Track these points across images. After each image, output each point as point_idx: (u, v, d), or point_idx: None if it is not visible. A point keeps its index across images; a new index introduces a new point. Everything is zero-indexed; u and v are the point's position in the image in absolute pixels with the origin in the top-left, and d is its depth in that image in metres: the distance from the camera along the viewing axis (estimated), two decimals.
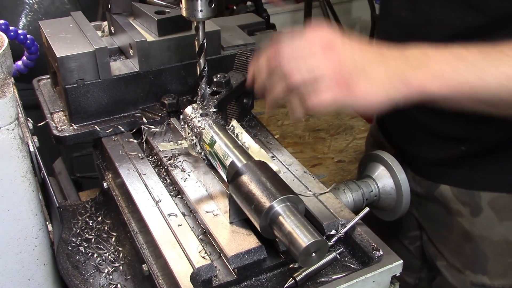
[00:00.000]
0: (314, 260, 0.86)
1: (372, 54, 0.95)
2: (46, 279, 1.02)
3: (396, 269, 0.95)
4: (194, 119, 1.12)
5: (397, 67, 0.93)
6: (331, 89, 0.92)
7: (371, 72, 0.92)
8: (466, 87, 0.91)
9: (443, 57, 0.93)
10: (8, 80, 0.89)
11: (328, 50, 0.94)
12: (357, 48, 0.96)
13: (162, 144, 1.18)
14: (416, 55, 0.94)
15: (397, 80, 0.92)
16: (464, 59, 0.92)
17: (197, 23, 1.15)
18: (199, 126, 1.10)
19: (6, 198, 0.90)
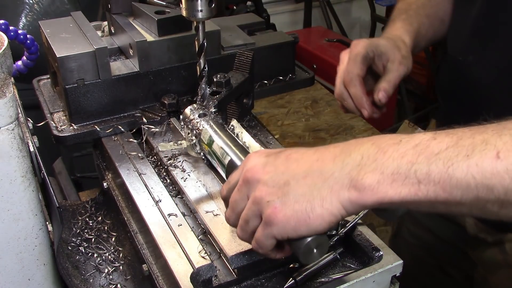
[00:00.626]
0: (315, 257, 0.84)
1: (298, 164, 0.81)
2: (46, 279, 1.02)
3: (396, 269, 0.95)
4: (193, 120, 1.12)
5: (334, 174, 0.77)
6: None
7: (296, 190, 0.78)
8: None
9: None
10: (8, 80, 0.89)
11: (246, 184, 0.83)
12: (281, 164, 0.82)
13: (162, 144, 1.18)
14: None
15: (336, 190, 0.76)
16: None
17: (197, 23, 1.15)
18: (197, 127, 1.10)
19: (6, 198, 0.90)
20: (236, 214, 0.86)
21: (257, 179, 0.81)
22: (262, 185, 0.80)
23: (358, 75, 1.20)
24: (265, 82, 1.48)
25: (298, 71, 1.57)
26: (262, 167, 0.82)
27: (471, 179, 0.68)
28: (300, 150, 0.83)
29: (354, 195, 0.74)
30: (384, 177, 0.72)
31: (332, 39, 4.07)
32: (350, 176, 0.75)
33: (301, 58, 3.17)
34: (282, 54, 1.50)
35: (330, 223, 0.77)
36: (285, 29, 3.99)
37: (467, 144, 0.69)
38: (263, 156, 0.84)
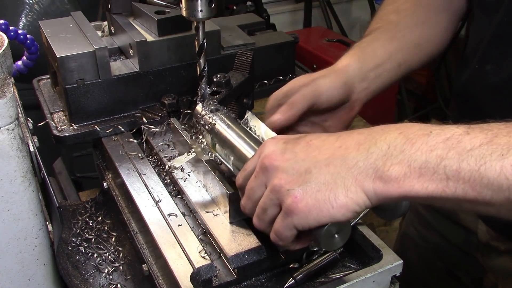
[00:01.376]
0: (337, 243, 0.80)
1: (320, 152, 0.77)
2: (46, 279, 1.02)
3: (396, 269, 0.95)
4: (205, 115, 1.08)
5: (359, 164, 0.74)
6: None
7: (318, 178, 0.75)
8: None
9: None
10: (8, 80, 0.89)
11: (264, 171, 0.81)
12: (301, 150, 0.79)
13: (177, 160, 1.15)
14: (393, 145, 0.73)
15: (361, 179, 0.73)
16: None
17: (197, 23, 1.15)
18: (210, 121, 1.06)
19: (6, 198, 0.90)
20: (253, 202, 0.83)
21: (275, 166, 0.78)
22: (281, 172, 0.77)
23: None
24: (265, 82, 1.48)
25: (298, 71, 1.57)
26: (280, 154, 0.79)
27: (503, 180, 0.65)
28: (321, 136, 0.80)
29: (379, 186, 0.72)
30: (411, 170, 0.70)
31: (332, 39, 4.07)
32: (376, 166, 0.72)
33: (301, 58, 3.17)
34: (282, 54, 1.50)
35: (353, 213, 0.75)
36: (285, 29, 3.99)
37: (502, 142, 0.66)
38: (281, 143, 0.81)
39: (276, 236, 0.81)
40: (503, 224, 1.24)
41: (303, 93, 1.04)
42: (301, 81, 1.06)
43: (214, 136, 1.05)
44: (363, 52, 1.15)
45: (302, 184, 0.75)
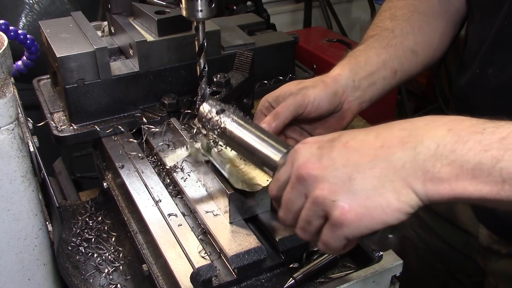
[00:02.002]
0: (391, 242, 0.74)
1: (360, 154, 0.73)
2: (46, 279, 1.02)
3: (396, 269, 0.95)
4: (211, 118, 1.00)
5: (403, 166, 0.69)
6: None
7: (364, 184, 0.71)
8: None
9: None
10: (8, 80, 0.89)
11: (301, 182, 0.76)
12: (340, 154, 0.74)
13: (170, 158, 1.14)
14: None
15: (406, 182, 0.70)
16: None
17: (197, 23, 1.15)
18: (219, 124, 0.99)
19: (6, 198, 0.90)
20: (293, 214, 0.78)
21: (314, 176, 0.73)
22: (321, 182, 0.72)
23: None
24: (265, 82, 1.48)
25: (298, 71, 1.57)
26: (317, 161, 0.74)
27: None
28: (357, 136, 0.75)
29: (430, 188, 0.68)
30: (463, 172, 0.65)
31: (332, 39, 4.07)
32: (425, 167, 0.68)
33: (301, 58, 3.16)
34: (282, 54, 1.50)
35: (407, 215, 0.70)
36: (285, 29, 3.99)
37: None
38: (315, 148, 0.76)
39: (325, 246, 0.76)
40: (505, 227, 1.24)
41: (289, 103, 1.01)
42: (290, 89, 1.04)
43: (227, 140, 0.99)
44: (356, 61, 1.12)
45: (347, 193, 0.71)
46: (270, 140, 0.92)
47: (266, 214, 1.03)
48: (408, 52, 1.17)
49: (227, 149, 1.06)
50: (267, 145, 0.91)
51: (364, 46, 1.17)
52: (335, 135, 0.77)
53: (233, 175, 0.99)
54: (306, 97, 1.01)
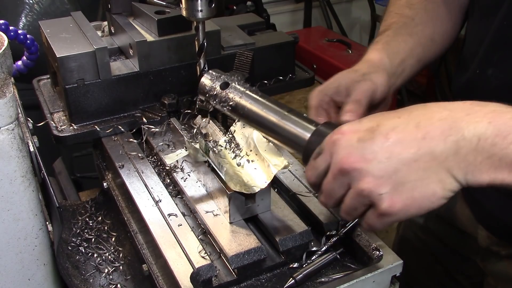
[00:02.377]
0: None
1: (403, 147, 0.74)
2: (46, 279, 1.02)
3: (396, 269, 0.95)
4: (218, 93, 0.93)
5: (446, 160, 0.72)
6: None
7: (410, 176, 0.74)
8: None
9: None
10: (8, 80, 0.89)
11: (345, 174, 0.78)
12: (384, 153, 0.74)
13: (168, 157, 1.15)
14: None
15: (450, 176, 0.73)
16: None
17: (197, 23, 1.15)
18: (230, 98, 0.91)
19: (6, 198, 0.90)
20: (336, 200, 0.81)
21: (358, 170, 0.75)
22: (366, 176, 0.74)
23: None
24: (265, 82, 1.48)
25: (298, 71, 1.57)
26: (359, 155, 0.75)
27: None
28: (397, 126, 0.75)
29: (471, 178, 0.72)
30: (502, 165, 0.69)
31: (332, 39, 4.07)
32: (467, 161, 0.71)
33: (301, 58, 3.17)
34: (282, 54, 1.50)
35: (449, 198, 0.76)
36: (285, 29, 3.99)
37: None
38: (355, 140, 0.76)
39: (369, 227, 0.80)
40: (504, 229, 1.24)
41: (362, 89, 0.99)
42: (349, 77, 1.02)
43: (240, 116, 0.92)
44: (390, 47, 1.12)
45: (394, 186, 0.73)
46: (292, 115, 0.89)
47: (266, 214, 1.03)
48: (429, 40, 1.17)
49: (226, 150, 1.06)
50: (291, 122, 0.88)
51: (391, 32, 1.16)
52: (372, 123, 0.77)
53: (231, 177, 0.99)
54: (374, 83, 1.01)
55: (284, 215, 1.03)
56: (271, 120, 0.90)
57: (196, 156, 1.08)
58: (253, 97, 0.92)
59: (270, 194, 1.03)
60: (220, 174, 1.02)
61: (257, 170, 1.00)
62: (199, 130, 1.13)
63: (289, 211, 1.04)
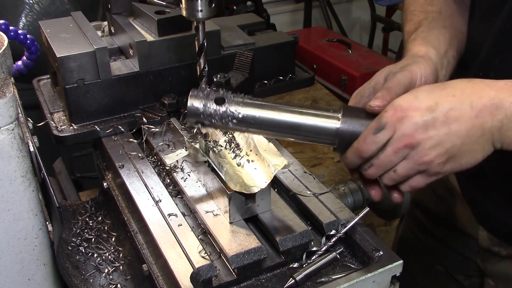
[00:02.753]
0: None
1: (459, 124, 0.87)
2: (46, 279, 1.01)
3: (396, 269, 0.95)
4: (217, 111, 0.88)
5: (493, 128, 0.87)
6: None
7: (462, 149, 0.88)
8: None
9: None
10: (8, 80, 0.89)
11: (410, 148, 0.88)
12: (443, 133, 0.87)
13: (168, 157, 1.14)
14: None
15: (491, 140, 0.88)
16: None
17: (197, 23, 1.15)
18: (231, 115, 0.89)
19: (6, 198, 0.90)
20: (386, 170, 0.91)
21: (422, 145, 0.87)
22: (429, 149, 0.87)
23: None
24: (265, 82, 1.48)
25: (298, 71, 1.57)
26: (424, 131, 0.86)
27: None
28: (455, 106, 0.87)
29: (506, 147, 0.88)
30: None
31: (332, 39, 4.07)
32: (507, 135, 0.87)
33: (301, 58, 3.17)
34: (282, 54, 1.50)
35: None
36: (285, 29, 3.99)
37: None
38: (419, 118, 0.87)
39: (411, 188, 0.93)
40: (505, 229, 1.25)
41: (398, 78, 1.01)
42: (388, 70, 1.04)
43: (250, 126, 0.90)
44: (430, 40, 1.13)
45: (449, 157, 0.87)
46: (307, 109, 0.92)
47: (266, 214, 1.03)
48: (459, 32, 1.20)
49: (226, 150, 1.06)
50: (311, 116, 0.91)
51: (425, 27, 1.16)
52: (430, 102, 0.88)
53: (231, 177, 0.99)
54: (414, 74, 1.03)
55: (284, 215, 1.03)
56: (291, 121, 0.90)
57: (196, 156, 1.08)
58: (258, 104, 0.90)
59: (270, 194, 1.03)
60: (220, 174, 1.02)
61: (257, 170, 1.00)
62: (199, 130, 1.13)
63: (289, 211, 1.04)
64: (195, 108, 0.89)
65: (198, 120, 0.91)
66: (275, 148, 1.01)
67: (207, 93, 0.90)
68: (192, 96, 0.89)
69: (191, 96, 0.90)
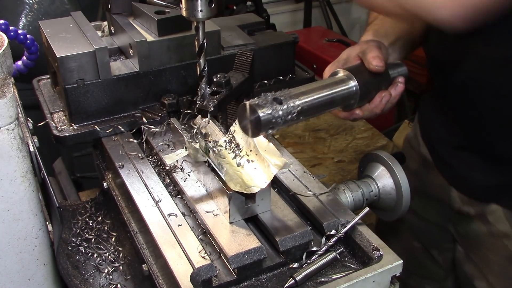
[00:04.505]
0: None
1: None
2: (46, 279, 1.02)
3: (396, 269, 0.95)
4: (282, 110, 0.96)
5: None
6: None
7: None
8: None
9: None
10: (8, 80, 0.89)
11: None
12: None
13: (168, 156, 1.15)
14: None
15: None
16: None
17: (197, 23, 1.15)
18: (293, 109, 0.97)
19: (6, 198, 0.90)
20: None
21: None
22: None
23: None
24: (265, 82, 1.48)
25: (298, 71, 1.57)
26: None
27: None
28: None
29: None
30: None
31: (332, 39, 4.07)
32: None
33: (301, 58, 3.16)
34: (282, 54, 1.50)
35: None
36: (285, 29, 3.99)
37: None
38: None
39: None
40: (473, 188, 1.38)
41: (373, 46, 1.24)
42: (357, 48, 1.27)
43: (305, 114, 1.01)
44: (380, 33, 1.33)
45: None
46: (329, 82, 1.13)
47: (266, 214, 1.03)
48: (412, 27, 1.37)
49: (226, 150, 1.06)
50: (337, 86, 1.12)
51: (378, 21, 1.38)
52: None
53: (231, 177, 0.99)
54: (380, 43, 1.28)
55: (284, 215, 1.03)
56: (327, 98, 1.09)
57: (196, 156, 1.08)
58: (301, 92, 1.03)
59: (270, 194, 1.03)
60: (220, 174, 1.02)
61: (257, 170, 1.00)
62: (199, 130, 1.13)
63: (289, 211, 1.04)
64: (268, 116, 0.94)
65: (271, 126, 0.95)
66: (275, 148, 1.01)
67: (265, 99, 0.96)
68: (257, 106, 0.93)
69: (258, 106, 0.93)
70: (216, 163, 1.03)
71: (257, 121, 0.93)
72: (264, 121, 0.93)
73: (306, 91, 1.03)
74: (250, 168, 1.01)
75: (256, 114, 0.93)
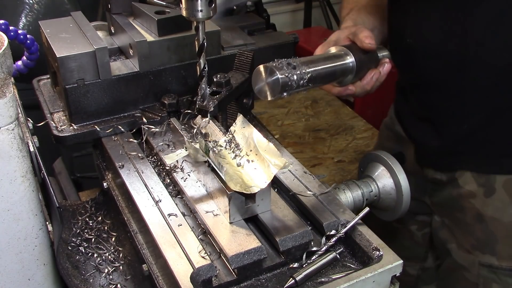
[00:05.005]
0: None
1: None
2: (46, 279, 1.02)
3: (396, 269, 0.95)
4: (295, 74, 1.05)
5: None
6: None
7: None
8: None
9: None
10: (8, 80, 0.89)
11: None
12: None
13: (168, 156, 1.15)
14: None
15: None
16: None
17: (197, 23, 1.15)
18: (305, 74, 1.06)
19: (6, 198, 0.90)
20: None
21: None
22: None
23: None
24: None
25: None
26: None
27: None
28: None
29: None
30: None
31: None
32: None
33: None
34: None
35: None
36: (285, 29, 3.99)
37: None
38: None
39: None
40: (437, 158, 1.47)
41: (363, 27, 1.33)
42: (346, 31, 1.36)
43: (314, 81, 1.06)
44: (358, 21, 1.43)
45: None
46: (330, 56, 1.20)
47: (266, 214, 1.03)
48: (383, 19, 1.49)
49: (226, 150, 1.06)
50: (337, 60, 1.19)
51: (354, 12, 1.49)
52: None
53: (231, 177, 0.99)
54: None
55: (284, 215, 1.03)
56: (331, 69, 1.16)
57: (196, 156, 1.08)
58: (310, 60, 1.10)
59: (270, 194, 1.03)
60: (220, 174, 1.02)
61: (257, 170, 1.00)
62: (199, 130, 1.13)
63: (289, 211, 1.04)
64: (285, 78, 1.01)
65: (287, 89, 1.03)
66: (275, 148, 1.01)
67: (281, 63, 1.05)
68: (276, 68, 1.01)
69: (276, 68, 1.02)
70: (216, 163, 1.03)
71: (275, 82, 1.00)
72: (283, 82, 1.00)
73: (313, 60, 1.11)
74: (250, 168, 1.01)
75: (275, 76, 1.00)
